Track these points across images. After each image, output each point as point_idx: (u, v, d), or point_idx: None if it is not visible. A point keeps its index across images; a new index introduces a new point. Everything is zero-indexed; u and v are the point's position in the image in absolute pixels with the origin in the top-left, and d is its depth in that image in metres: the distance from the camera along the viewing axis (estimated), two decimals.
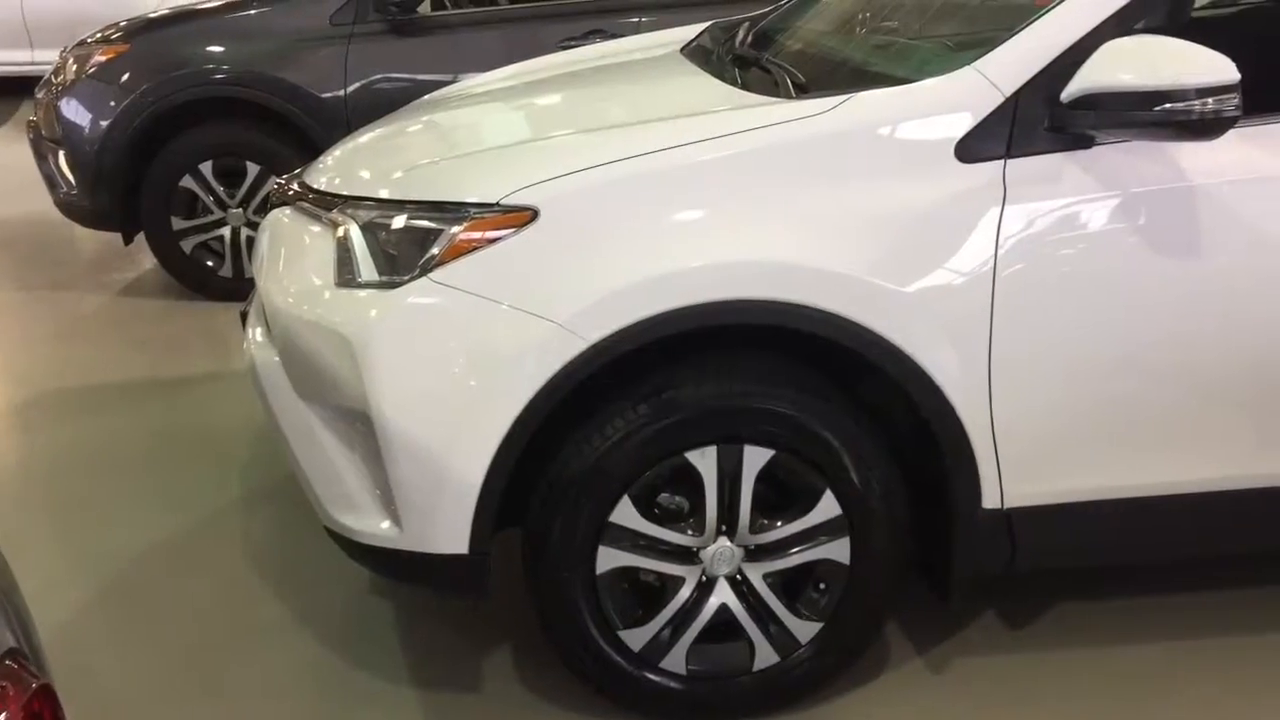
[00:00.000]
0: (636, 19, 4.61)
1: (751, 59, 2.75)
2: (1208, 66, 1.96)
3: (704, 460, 2.16)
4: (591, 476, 2.14)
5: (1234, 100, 1.95)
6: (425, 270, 2.12)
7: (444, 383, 2.08)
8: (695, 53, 3.02)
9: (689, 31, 3.30)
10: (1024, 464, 2.19)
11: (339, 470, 2.25)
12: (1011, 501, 2.21)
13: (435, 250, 2.13)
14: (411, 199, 2.24)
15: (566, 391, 2.08)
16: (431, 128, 2.87)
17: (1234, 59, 1.99)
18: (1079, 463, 2.22)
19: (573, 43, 4.38)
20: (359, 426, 2.19)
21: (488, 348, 2.07)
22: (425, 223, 2.17)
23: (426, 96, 3.37)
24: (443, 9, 5.08)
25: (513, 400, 2.06)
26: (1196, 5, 3.51)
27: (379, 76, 4.57)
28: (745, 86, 2.53)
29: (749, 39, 3.02)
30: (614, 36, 4.35)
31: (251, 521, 3.14)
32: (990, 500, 2.20)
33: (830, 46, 2.83)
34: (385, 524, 2.21)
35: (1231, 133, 2.02)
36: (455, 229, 2.12)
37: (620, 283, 2.05)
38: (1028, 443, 2.17)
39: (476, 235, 2.11)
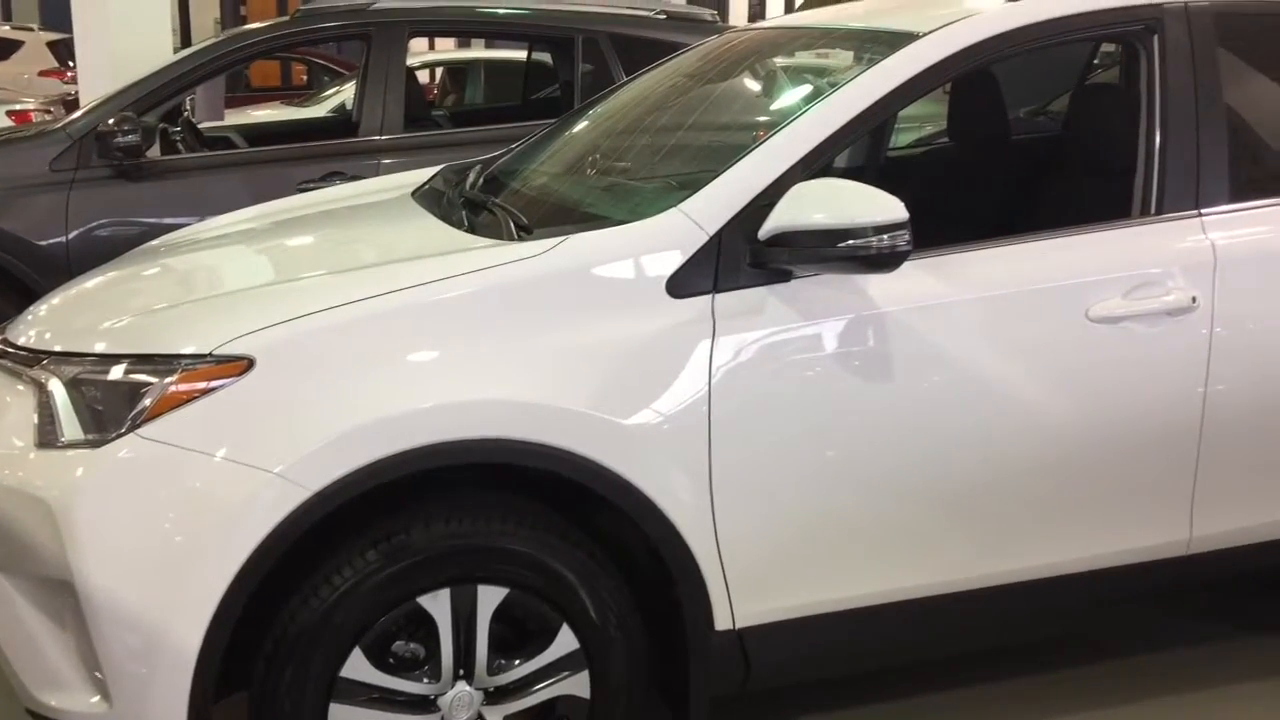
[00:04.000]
0: (376, 161, 4.64)
1: (480, 201, 2.81)
2: (882, 206, 2.15)
3: (437, 604, 2.13)
4: (320, 629, 2.07)
5: (905, 236, 2.14)
6: (135, 425, 2.04)
7: (154, 544, 1.99)
8: (426, 196, 3.06)
9: (427, 174, 3.35)
10: (751, 584, 2.26)
11: (40, 645, 2.09)
12: (742, 621, 2.28)
13: (146, 403, 2.05)
14: (119, 352, 2.15)
15: (290, 543, 2.02)
16: (147, 276, 2.77)
17: (921, 195, 2.19)
18: (802, 579, 2.31)
19: (311, 185, 4.36)
20: (63, 597, 2.04)
21: (202, 504, 2.00)
22: (135, 376, 2.09)
23: (149, 243, 3.26)
24: (175, 153, 4.96)
25: (231, 557, 1.99)
26: (891, 147, 3.85)
27: (104, 222, 4.39)
28: (471, 229, 2.57)
29: (480, 181, 3.09)
30: (354, 178, 4.37)
31: None
32: (722, 621, 2.26)
33: (556, 189, 2.93)
34: (94, 699, 2.06)
35: (911, 264, 2.22)
36: (167, 380, 2.05)
37: (341, 429, 2.02)
38: (752, 563, 2.25)
39: (189, 387, 2.04)
